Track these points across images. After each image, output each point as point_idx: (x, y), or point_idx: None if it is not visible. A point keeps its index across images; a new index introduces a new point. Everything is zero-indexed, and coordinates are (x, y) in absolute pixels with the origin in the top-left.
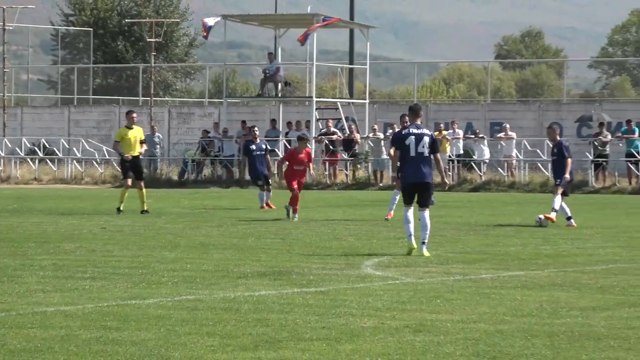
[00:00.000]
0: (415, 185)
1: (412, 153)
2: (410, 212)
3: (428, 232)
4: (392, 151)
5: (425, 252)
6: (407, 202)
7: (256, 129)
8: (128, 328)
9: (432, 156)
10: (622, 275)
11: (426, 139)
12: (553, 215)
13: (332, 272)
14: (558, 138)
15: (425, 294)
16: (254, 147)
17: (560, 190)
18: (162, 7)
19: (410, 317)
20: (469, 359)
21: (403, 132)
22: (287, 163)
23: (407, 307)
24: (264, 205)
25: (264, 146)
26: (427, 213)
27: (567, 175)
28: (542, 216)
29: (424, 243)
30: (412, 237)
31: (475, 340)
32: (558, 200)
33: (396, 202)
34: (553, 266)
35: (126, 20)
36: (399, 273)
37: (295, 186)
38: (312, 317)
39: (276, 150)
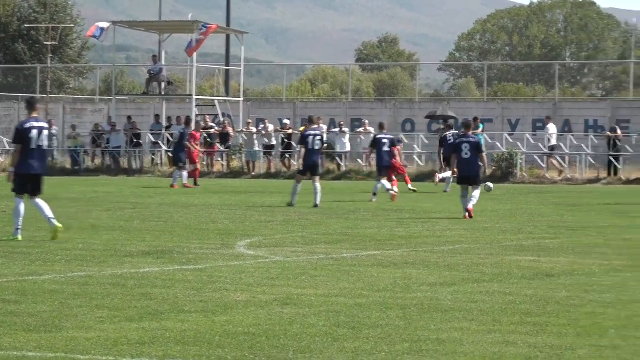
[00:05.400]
0: (31, 177)
1: (33, 145)
2: (23, 204)
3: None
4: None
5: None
6: (21, 191)
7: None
8: (25, 301)
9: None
10: (467, 255)
11: (45, 132)
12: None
13: (209, 252)
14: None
15: (292, 271)
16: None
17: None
18: (57, 14)
19: (279, 291)
20: (331, 329)
21: (26, 126)
22: None
23: (276, 282)
24: (174, 184)
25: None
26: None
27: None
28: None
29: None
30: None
31: (336, 313)
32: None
33: None
34: (406, 246)
35: (25, 25)
36: (269, 252)
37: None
38: (191, 291)
39: (159, 142)
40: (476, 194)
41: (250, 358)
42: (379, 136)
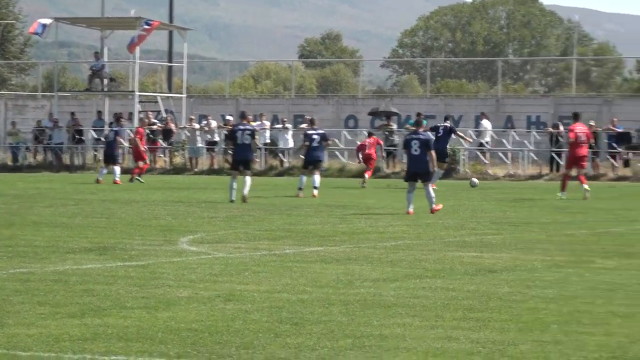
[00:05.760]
0: None
1: None
2: None
3: None
4: None
5: None
6: None
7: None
8: None
9: None
10: (409, 251)
11: None
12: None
13: (152, 248)
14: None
15: (235, 267)
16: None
17: None
18: None
19: (222, 287)
20: (273, 325)
21: None
22: None
23: (219, 278)
24: (98, 181)
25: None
26: None
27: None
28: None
29: None
30: None
31: (279, 308)
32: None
33: None
34: (349, 242)
35: None
36: (212, 248)
37: None
38: (133, 287)
39: (102, 139)
40: (430, 191)
41: (193, 354)
42: (309, 132)
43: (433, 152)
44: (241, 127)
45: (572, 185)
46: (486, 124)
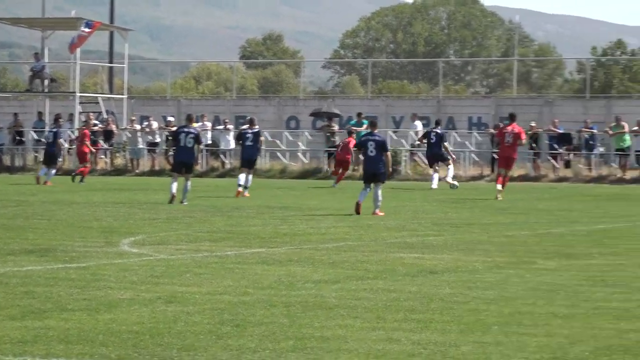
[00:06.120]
0: None
1: None
2: None
3: None
4: None
5: None
6: None
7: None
8: None
9: None
10: (351, 252)
11: None
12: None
13: (93, 250)
14: None
15: (176, 269)
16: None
17: None
18: None
19: (163, 289)
20: (215, 327)
21: None
22: None
23: (160, 280)
24: (38, 179)
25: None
26: None
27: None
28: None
29: None
30: None
31: (220, 310)
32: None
33: None
34: (290, 244)
35: None
36: (153, 250)
37: None
38: (74, 290)
39: (42, 140)
40: (379, 193)
41: (134, 356)
42: (244, 131)
43: (389, 154)
44: (185, 129)
45: (511, 186)
46: (418, 124)
